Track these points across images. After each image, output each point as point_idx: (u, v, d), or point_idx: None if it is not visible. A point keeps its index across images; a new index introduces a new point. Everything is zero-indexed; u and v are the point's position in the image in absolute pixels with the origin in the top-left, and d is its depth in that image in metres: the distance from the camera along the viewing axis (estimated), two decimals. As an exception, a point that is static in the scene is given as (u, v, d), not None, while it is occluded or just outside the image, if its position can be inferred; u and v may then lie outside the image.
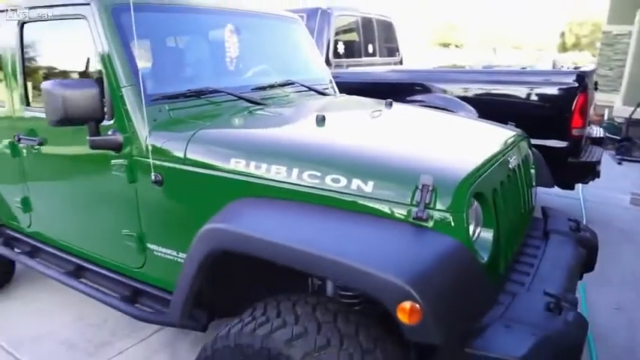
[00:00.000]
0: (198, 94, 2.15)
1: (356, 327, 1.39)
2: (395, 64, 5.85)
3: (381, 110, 2.39)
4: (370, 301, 1.68)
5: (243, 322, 1.48)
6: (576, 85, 3.47)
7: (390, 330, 1.47)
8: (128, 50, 1.97)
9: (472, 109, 3.80)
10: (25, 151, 2.53)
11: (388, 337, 1.42)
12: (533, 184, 2.27)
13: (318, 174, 1.55)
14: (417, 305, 1.16)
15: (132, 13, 1.80)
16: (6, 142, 2.61)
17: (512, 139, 2.04)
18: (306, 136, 1.90)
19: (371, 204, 1.47)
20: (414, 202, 1.40)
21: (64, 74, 2.31)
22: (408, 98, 3.97)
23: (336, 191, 1.52)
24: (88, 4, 2.02)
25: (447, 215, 1.39)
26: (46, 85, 1.83)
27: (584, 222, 3.82)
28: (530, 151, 2.29)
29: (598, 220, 4.37)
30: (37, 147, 2.42)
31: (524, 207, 2.00)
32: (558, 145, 3.53)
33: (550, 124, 3.57)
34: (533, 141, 3.35)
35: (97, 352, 2.66)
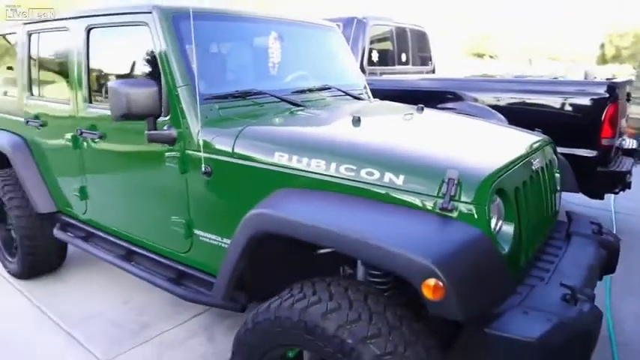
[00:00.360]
0: (244, 95, 2.35)
1: (384, 306, 1.54)
2: (427, 72, 5.97)
3: (412, 114, 2.54)
4: (397, 287, 1.83)
5: (283, 298, 1.65)
6: (607, 95, 3.53)
7: (417, 314, 1.61)
8: (184, 54, 2.19)
9: (502, 117, 3.89)
10: (85, 144, 2.79)
11: (414, 317, 1.57)
12: (558, 188, 2.37)
13: (354, 167, 1.72)
14: (441, 283, 1.30)
15: (191, 22, 2.02)
16: (69, 135, 2.88)
17: (536, 144, 2.15)
18: (344, 134, 2.07)
19: (401, 195, 1.62)
20: (441, 195, 1.54)
21: (125, 75, 2.55)
22: (439, 106, 4.10)
23: (370, 183, 1.68)
24: (150, 12, 2.25)
25: (471, 207, 1.52)
26: (112, 84, 2.06)
27: (614, 232, 3.85)
28: (555, 157, 2.39)
29: (628, 231, 4.37)
30: (97, 140, 2.67)
31: (547, 208, 2.10)
32: (587, 155, 3.59)
33: (580, 133, 3.63)
34: (563, 150, 3.44)
35: (141, 332, 2.89)
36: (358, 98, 3.00)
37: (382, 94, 3.51)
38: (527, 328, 1.44)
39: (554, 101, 3.78)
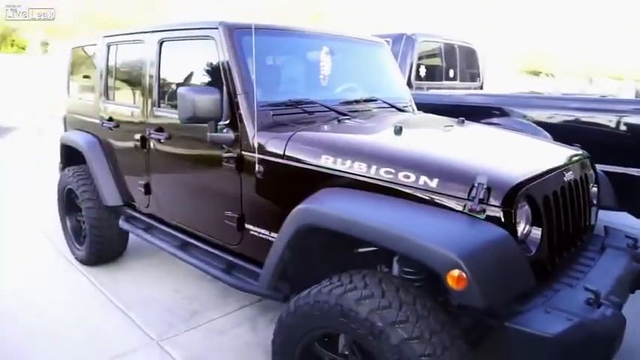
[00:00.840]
0: (296, 103, 2.57)
1: (414, 297, 1.69)
2: (475, 88, 6.03)
3: (452, 126, 2.68)
4: (430, 283, 1.96)
5: (322, 286, 1.83)
6: None
7: (446, 311, 1.75)
8: (245, 65, 2.45)
9: (547, 134, 3.92)
10: (152, 144, 3.10)
11: (441, 310, 1.70)
12: (594, 201, 2.43)
13: (393, 170, 1.89)
14: (464, 274, 1.44)
15: (253, 37, 2.27)
16: (138, 136, 3.20)
17: (570, 157, 2.24)
18: (385, 140, 2.25)
19: (434, 197, 1.77)
20: (471, 197, 1.68)
21: (192, 83, 2.84)
22: (483, 121, 4.17)
23: (406, 185, 1.84)
24: (217, 28, 2.52)
25: (498, 210, 1.66)
26: (180, 90, 2.33)
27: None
28: (593, 172, 2.45)
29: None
30: (163, 141, 2.97)
31: (580, 219, 2.17)
32: (636, 174, 3.56)
33: (628, 152, 3.61)
34: (611, 168, 3.46)
35: (191, 319, 3.14)
36: (403, 110, 3.16)
37: (428, 107, 3.64)
38: (546, 325, 1.55)
39: (602, 119, 3.78)
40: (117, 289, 3.55)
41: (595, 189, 2.49)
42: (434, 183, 1.78)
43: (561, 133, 3.87)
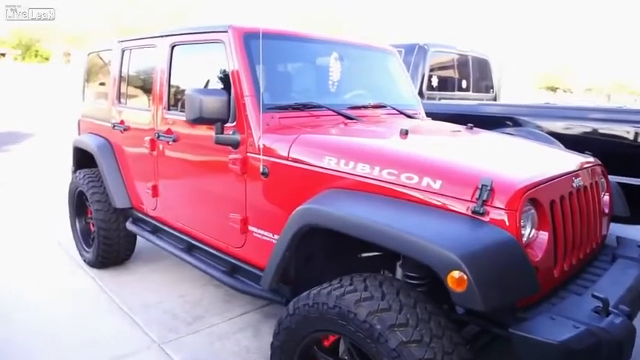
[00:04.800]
0: (303, 106, 2.57)
1: (414, 300, 1.64)
2: (488, 100, 5.98)
3: (460, 131, 2.65)
4: (433, 289, 1.91)
5: (322, 287, 1.80)
6: None
7: (448, 317, 1.70)
8: (253, 68, 2.45)
9: (560, 144, 3.85)
10: (161, 146, 3.12)
11: (442, 314, 1.66)
12: (606, 210, 2.36)
13: (395, 172, 1.86)
14: (465, 275, 1.40)
15: (260, 41, 2.28)
16: (147, 138, 3.23)
17: (580, 164, 2.18)
18: (389, 143, 2.22)
19: (437, 198, 1.74)
20: (474, 199, 1.65)
21: (201, 85, 2.86)
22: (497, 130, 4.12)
23: (409, 187, 1.81)
24: (226, 31, 2.54)
25: (502, 213, 1.61)
26: (188, 91, 2.34)
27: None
28: (603, 179, 2.39)
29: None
30: (171, 143, 2.99)
31: (589, 226, 2.10)
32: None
33: (634, 160, 3.55)
34: (618, 178, 3.40)
35: (193, 323, 3.12)
36: (412, 117, 3.13)
37: (438, 117, 3.61)
38: (551, 332, 1.50)
39: (612, 129, 3.72)
40: (122, 292, 3.55)
41: (607, 197, 2.43)
42: (437, 185, 1.75)
43: (574, 142, 3.81)
